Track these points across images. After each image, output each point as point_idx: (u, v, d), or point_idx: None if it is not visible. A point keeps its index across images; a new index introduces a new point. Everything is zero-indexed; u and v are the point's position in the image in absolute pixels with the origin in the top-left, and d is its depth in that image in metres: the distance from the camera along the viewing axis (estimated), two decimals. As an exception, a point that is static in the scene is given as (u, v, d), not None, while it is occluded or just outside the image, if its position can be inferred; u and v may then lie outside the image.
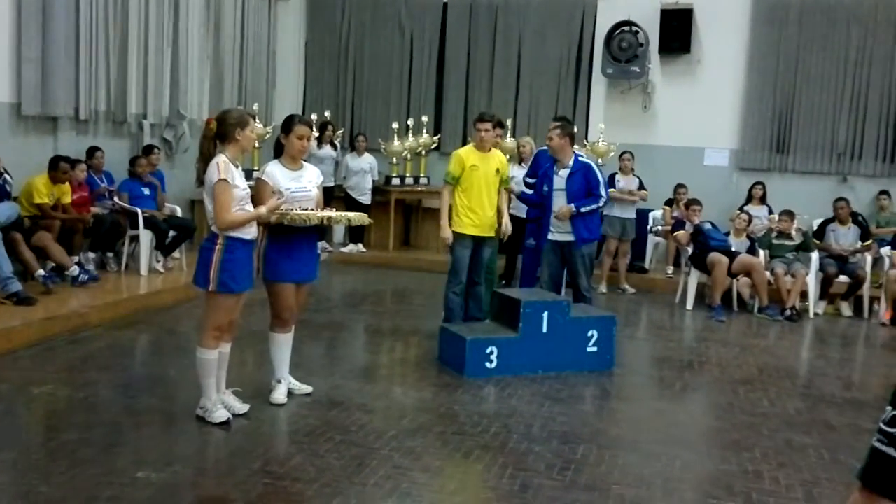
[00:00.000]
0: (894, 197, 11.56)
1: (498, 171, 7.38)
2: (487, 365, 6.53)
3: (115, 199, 9.59)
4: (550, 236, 7.69)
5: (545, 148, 8.32)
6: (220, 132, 5.05)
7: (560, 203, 7.56)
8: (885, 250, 10.15)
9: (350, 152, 12.70)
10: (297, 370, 5.96)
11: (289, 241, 5.42)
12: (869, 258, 10.25)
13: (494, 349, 6.55)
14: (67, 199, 8.82)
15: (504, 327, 6.84)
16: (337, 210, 6.31)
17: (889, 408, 1.28)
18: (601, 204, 7.71)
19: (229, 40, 12.48)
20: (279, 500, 4.16)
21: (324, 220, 5.43)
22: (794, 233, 10.23)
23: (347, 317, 8.94)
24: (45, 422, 5.38)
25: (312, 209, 5.48)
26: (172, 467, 4.50)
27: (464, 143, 7.63)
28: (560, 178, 7.63)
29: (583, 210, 7.50)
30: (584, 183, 7.59)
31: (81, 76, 9.64)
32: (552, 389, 6.29)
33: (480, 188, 7.26)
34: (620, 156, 11.31)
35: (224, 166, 4.94)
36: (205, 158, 5.06)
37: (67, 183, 8.83)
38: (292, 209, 5.35)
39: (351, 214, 5.92)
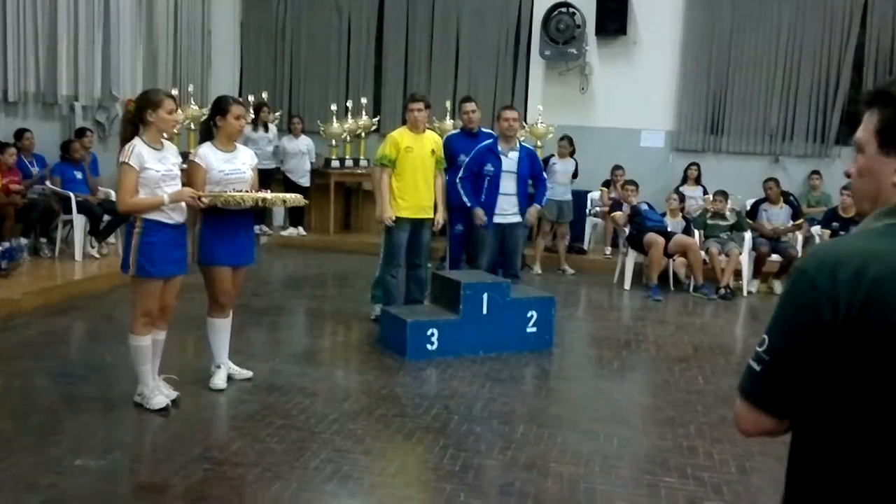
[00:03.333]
0: (825, 177, 11.84)
1: (433, 151, 7.38)
2: (428, 347, 6.56)
3: (47, 182, 9.40)
4: (496, 219, 7.68)
5: (454, 132, 8.55)
6: (137, 114, 4.97)
7: (508, 185, 7.67)
8: (816, 229, 10.39)
9: (287, 135, 12.57)
10: (237, 355, 5.93)
11: (224, 223, 5.35)
12: (800, 237, 10.49)
13: (435, 331, 6.57)
14: (-3, 183, 8.62)
15: (444, 309, 6.87)
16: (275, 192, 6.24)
17: (764, 336, 1.60)
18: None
19: (162, 20, 12.26)
20: (219, 486, 4.15)
21: (258, 202, 5.38)
22: (728, 213, 10.41)
23: (288, 300, 8.89)
24: (-22, 411, 5.28)
25: (247, 191, 5.42)
26: (111, 454, 4.46)
27: (403, 125, 7.60)
28: (510, 160, 7.69)
29: (544, 203, 8.06)
30: (529, 167, 7.81)
31: (9, 56, 9.41)
32: (492, 370, 6.35)
33: (415, 170, 7.25)
34: (560, 140, 11.35)
35: (130, 150, 4.86)
36: (123, 140, 4.97)
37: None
38: (226, 192, 5.29)
39: (286, 195, 5.91)
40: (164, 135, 5.11)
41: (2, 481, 4.04)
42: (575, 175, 11.17)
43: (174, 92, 10.76)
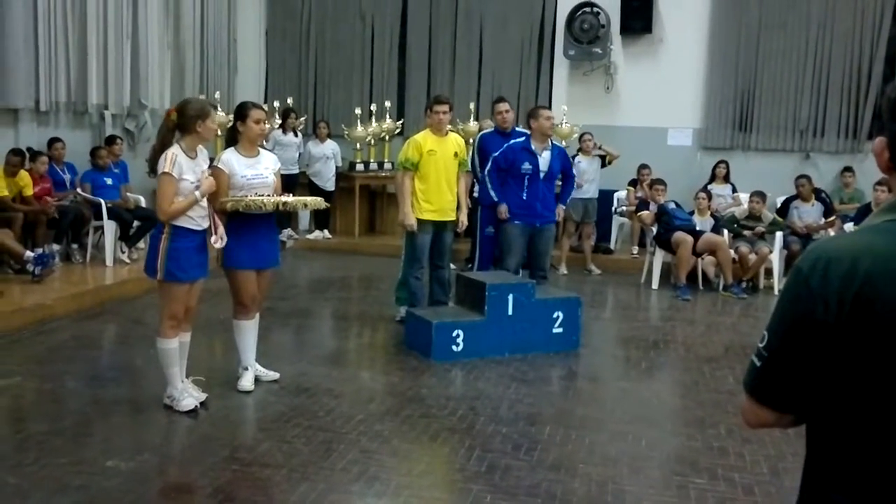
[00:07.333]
0: (857, 173, 11.68)
1: (456, 154, 7.37)
2: (454, 348, 6.56)
3: (78, 189, 9.53)
4: (528, 219, 7.61)
5: (488, 131, 8.41)
6: (180, 123, 5.03)
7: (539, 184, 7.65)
8: (849, 226, 10.26)
9: (312, 139, 12.64)
10: (264, 357, 5.96)
11: (246, 227, 5.39)
12: (833, 235, 10.36)
13: (461, 332, 6.57)
14: (29, 192, 8.74)
15: (470, 311, 6.87)
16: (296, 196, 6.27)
17: (765, 332, 1.63)
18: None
19: (189, 28, 12.37)
20: (247, 487, 4.18)
21: (279, 206, 5.42)
22: (763, 214, 10.27)
23: (314, 303, 8.93)
24: (13, 414, 5.34)
25: (269, 195, 5.46)
26: (141, 456, 4.50)
27: (426, 127, 7.60)
28: (544, 159, 7.65)
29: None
30: (559, 165, 7.78)
31: (41, 67, 9.53)
32: (518, 371, 6.34)
33: (438, 173, 7.26)
34: (581, 136, 11.33)
35: (172, 159, 4.92)
36: (161, 148, 5.03)
37: (28, 175, 8.74)
38: (248, 196, 5.33)
39: (307, 199, 5.94)
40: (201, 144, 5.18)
41: (34, 482, 4.09)
42: (604, 164, 11.10)
43: (201, 98, 10.88)
